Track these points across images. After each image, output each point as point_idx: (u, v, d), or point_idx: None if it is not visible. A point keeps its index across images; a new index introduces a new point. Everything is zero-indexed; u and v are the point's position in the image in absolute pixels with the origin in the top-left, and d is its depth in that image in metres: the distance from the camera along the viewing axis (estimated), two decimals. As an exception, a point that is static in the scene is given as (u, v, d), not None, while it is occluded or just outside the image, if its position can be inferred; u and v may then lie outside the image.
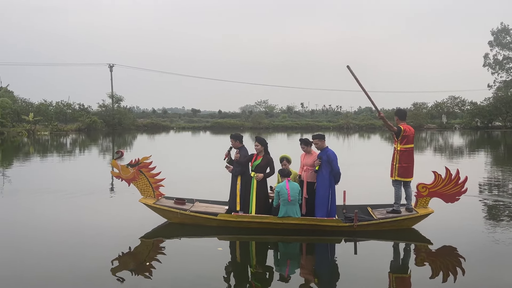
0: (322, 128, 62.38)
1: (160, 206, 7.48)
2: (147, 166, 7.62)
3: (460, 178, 7.16)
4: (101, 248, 6.26)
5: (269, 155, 7.48)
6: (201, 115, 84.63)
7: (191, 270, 5.48)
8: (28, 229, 7.32)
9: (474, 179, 13.04)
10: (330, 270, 5.77)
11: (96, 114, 51.94)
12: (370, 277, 5.31)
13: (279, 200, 6.95)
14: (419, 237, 7.08)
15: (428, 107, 68.95)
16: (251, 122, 64.82)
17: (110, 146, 29.51)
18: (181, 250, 6.42)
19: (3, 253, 6.09)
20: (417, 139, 39.90)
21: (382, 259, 6.05)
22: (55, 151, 24.28)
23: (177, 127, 61.66)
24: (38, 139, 35.01)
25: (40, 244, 6.45)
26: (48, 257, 5.94)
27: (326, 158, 7.05)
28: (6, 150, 25.30)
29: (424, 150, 26.48)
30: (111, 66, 56.78)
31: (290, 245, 6.91)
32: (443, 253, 6.33)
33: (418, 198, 7.38)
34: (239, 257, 6.32)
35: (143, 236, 6.92)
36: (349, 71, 7.46)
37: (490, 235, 7.04)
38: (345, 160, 8.17)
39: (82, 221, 7.85)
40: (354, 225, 6.93)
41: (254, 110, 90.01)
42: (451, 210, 8.07)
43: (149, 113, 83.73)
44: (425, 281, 5.21)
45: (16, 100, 46.77)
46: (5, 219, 8.10)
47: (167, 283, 5.09)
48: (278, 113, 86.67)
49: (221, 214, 7.22)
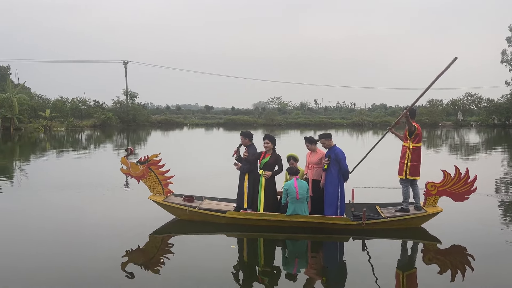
0: (335, 125, 62.10)
1: (169, 203, 7.54)
2: (156, 163, 7.66)
3: (470, 177, 7.10)
4: (111, 244, 6.36)
5: (277, 153, 7.51)
6: (214, 112, 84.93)
7: (200, 266, 5.52)
8: (36, 223, 7.49)
9: (490, 178, 12.87)
10: (338, 268, 5.77)
11: (111, 110, 52.54)
12: (378, 276, 5.29)
13: (287, 198, 6.97)
14: (427, 236, 7.03)
15: (444, 104, 67.99)
16: (264, 119, 64.82)
17: (125, 142, 29.85)
18: (189, 247, 6.46)
19: (15, 245, 6.25)
20: (432, 136, 39.44)
21: (390, 257, 6.03)
22: (70, 147, 24.66)
23: (190, 123, 62.00)
24: (54, 135, 35.58)
25: (48, 240, 6.57)
26: (57, 252, 6.04)
27: (334, 157, 7.04)
28: (23, 145, 25.79)
29: (439, 148, 26.17)
30: (125, 63, 57.35)
31: (298, 243, 6.92)
32: (452, 252, 6.28)
33: (427, 197, 7.33)
34: (247, 254, 6.35)
35: (152, 233, 6.99)
36: (450, 63, 7.08)
37: (502, 235, 6.95)
38: (357, 157, 8.14)
39: (93, 217, 7.99)
40: (363, 223, 6.93)
41: (267, 107, 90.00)
42: (462, 209, 8.01)
43: (163, 109, 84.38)
44: (433, 280, 5.18)
45: (33, 97, 47.67)
46: (20, 212, 8.30)
47: (175, 279, 5.14)
48: (291, 110, 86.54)
49: (229, 212, 7.27)
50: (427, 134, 42.54)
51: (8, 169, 15.23)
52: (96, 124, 47.65)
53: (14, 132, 35.59)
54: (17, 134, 34.21)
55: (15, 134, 34.06)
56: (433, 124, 61.12)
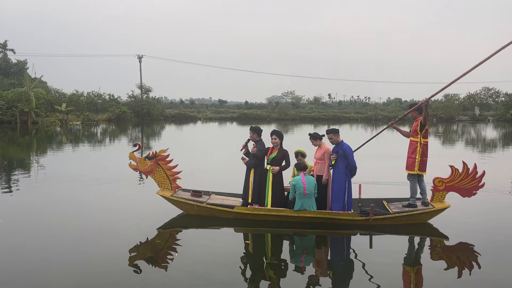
0: (349, 119, 61.67)
1: (177, 198, 7.58)
2: (164, 158, 7.69)
3: (478, 172, 7.06)
4: (119, 237, 6.44)
5: (284, 149, 7.51)
6: (228, 106, 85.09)
7: (207, 260, 5.56)
8: (48, 215, 7.64)
9: (505, 174, 12.66)
10: (345, 263, 5.77)
11: (126, 104, 53.01)
12: (384, 271, 5.30)
13: (295, 193, 6.97)
14: (435, 232, 7.02)
15: (460, 98, 66.95)
16: (278, 113, 64.70)
17: (139, 136, 30.12)
18: (197, 241, 6.49)
19: (27, 238, 6.38)
20: (448, 131, 38.90)
21: (397, 253, 6.02)
22: (86, 141, 24.98)
23: (204, 117, 62.24)
24: (70, 128, 36.08)
25: (56, 233, 6.67)
26: (65, 244, 6.12)
27: (342, 152, 7.04)
28: (40, 139, 26.20)
29: (455, 143, 25.82)
30: (140, 57, 57.71)
31: (306, 238, 6.92)
32: (459, 249, 6.26)
33: (434, 192, 7.30)
34: (255, 249, 6.37)
35: (160, 227, 7.05)
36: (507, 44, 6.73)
37: (510, 232, 6.90)
38: (371, 152, 8.09)
39: (103, 210, 8.12)
40: (370, 219, 6.93)
41: (281, 101, 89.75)
42: (470, 205, 7.95)
43: (177, 103, 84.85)
44: (440, 277, 5.17)
45: (49, 91, 48.25)
46: (32, 204, 8.47)
47: (183, 273, 5.18)
48: (305, 104, 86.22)
49: (237, 207, 7.28)
50: (443, 129, 41.98)
51: (26, 162, 15.52)
52: (111, 118, 48.14)
53: (31, 126, 36.17)
54: (34, 127, 34.76)
55: (32, 127, 34.61)
56: (449, 118, 60.29)
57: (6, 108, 37.72)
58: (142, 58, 57.87)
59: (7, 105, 37.86)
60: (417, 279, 5.23)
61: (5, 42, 58.79)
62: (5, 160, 15.99)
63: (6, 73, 53.14)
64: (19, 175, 12.08)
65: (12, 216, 7.65)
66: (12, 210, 8.13)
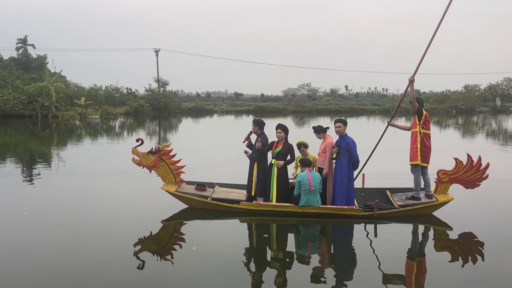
0: (367, 111, 61.01)
1: (182, 194, 7.64)
2: (167, 153, 7.74)
3: (482, 164, 7.08)
4: (124, 231, 6.50)
5: (289, 142, 7.52)
6: (244, 99, 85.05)
7: (213, 252, 5.62)
8: (58, 207, 7.83)
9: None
10: (350, 252, 5.87)
11: (143, 98, 53.46)
12: (389, 260, 5.39)
13: (300, 189, 7.00)
14: (439, 223, 7.08)
15: (481, 89, 65.54)
16: (294, 105, 64.40)
17: (157, 129, 30.43)
18: (202, 233, 6.57)
19: (31, 228, 6.56)
20: (468, 123, 38.17)
21: (401, 242, 6.12)
22: (104, 134, 25.38)
23: (220, 110, 62.39)
24: (89, 122, 36.64)
25: (64, 224, 6.87)
26: (70, 236, 6.26)
27: (345, 146, 7.06)
28: (60, 132, 26.72)
29: (475, 134, 25.34)
30: (157, 51, 58.06)
31: (311, 227, 6.97)
32: (462, 240, 6.30)
33: (438, 184, 7.35)
34: (260, 240, 6.42)
35: (165, 219, 7.15)
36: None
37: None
38: (388, 145, 8.06)
39: (109, 203, 8.28)
40: (374, 214, 6.97)
41: (297, 93, 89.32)
42: (474, 197, 8.03)
43: (193, 96, 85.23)
44: (443, 267, 5.23)
45: (69, 85, 48.97)
46: (46, 196, 8.69)
47: (188, 265, 5.23)
48: (321, 96, 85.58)
49: (242, 203, 7.30)
50: (463, 121, 41.22)
51: (47, 155, 15.87)
52: (129, 112, 48.65)
53: (51, 120, 36.86)
54: (54, 121, 35.41)
55: (52, 121, 35.27)
56: (469, 110, 59.11)
57: (27, 103, 38.49)
58: (159, 51, 58.26)
59: (28, 99, 38.63)
60: (421, 269, 5.30)
61: (25, 38, 59.88)
62: (27, 153, 16.39)
63: (26, 68, 54.13)
64: (40, 168, 12.37)
65: (34, 209, 7.86)
66: (35, 203, 8.37)
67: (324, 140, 7.51)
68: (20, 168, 12.47)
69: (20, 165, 13.08)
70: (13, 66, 51.55)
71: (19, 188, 9.57)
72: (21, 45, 59.48)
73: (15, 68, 50.52)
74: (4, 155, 15.26)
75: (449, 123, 38.42)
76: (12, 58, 56.48)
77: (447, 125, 35.75)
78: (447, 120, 42.43)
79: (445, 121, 41.69)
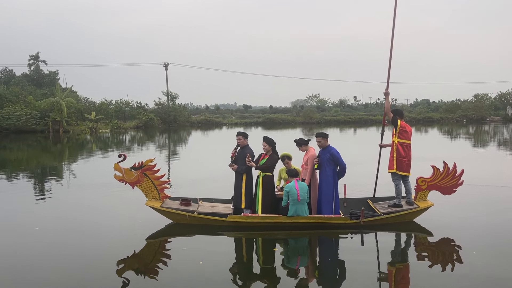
0: (376, 122, 60.78)
1: (168, 209, 7.45)
2: (151, 168, 7.57)
3: (457, 171, 7.45)
4: (110, 246, 6.46)
5: (276, 154, 7.59)
6: (253, 111, 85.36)
7: (199, 269, 5.52)
8: (45, 224, 7.84)
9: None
10: (338, 263, 5.94)
11: (153, 111, 53.95)
12: (374, 268, 5.58)
13: (288, 200, 7.04)
14: (420, 228, 7.40)
15: (492, 98, 65.04)
16: (303, 116, 64.46)
17: (166, 142, 30.62)
18: (188, 249, 6.40)
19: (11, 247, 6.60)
20: (479, 132, 37.80)
21: (386, 249, 6.37)
22: (115, 148, 25.58)
23: (229, 123, 62.63)
24: (100, 136, 36.99)
25: (53, 241, 6.77)
26: (53, 253, 6.19)
27: (330, 156, 7.27)
28: (71, 147, 27.00)
29: (487, 144, 25.08)
30: (166, 65, 58.73)
31: (299, 240, 7.04)
32: (442, 244, 6.61)
33: (417, 192, 7.68)
34: (248, 254, 6.38)
35: (149, 237, 6.99)
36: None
37: (491, 228, 7.27)
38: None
39: (102, 218, 8.27)
40: (361, 221, 7.15)
41: (306, 104, 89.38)
42: (451, 202, 8.46)
43: (203, 109, 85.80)
44: (426, 271, 5.45)
45: (79, 100, 49.66)
46: (59, 212, 8.75)
47: (174, 283, 5.15)
48: (330, 107, 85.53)
49: (230, 216, 7.26)
50: (474, 130, 40.83)
51: (59, 170, 16.03)
52: (139, 125, 49.07)
53: (62, 135, 37.30)
54: (65, 136, 35.83)
55: (63, 136, 35.69)
56: (480, 119, 58.61)
57: (39, 118, 39.03)
58: (168, 66, 58.92)
59: (40, 114, 39.18)
60: (404, 274, 5.50)
61: (37, 54, 61.10)
62: (38, 167, 16.58)
63: (38, 84, 55.07)
64: (52, 181, 12.49)
65: (44, 225, 7.92)
66: (44, 218, 8.45)
67: (306, 152, 7.63)
68: (32, 183, 12.61)
69: (32, 180, 13.22)
70: (26, 82, 52.52)
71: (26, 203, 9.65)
72: (33, 62, 60.67)
73: (28, 84, 51.40)
74: (17, 170, 15.47)
75: (460, 132, 38.10)
76: (24, 74, 57.62)
77: (457, 134, 35.44)
78: (457, 130, 42.09)
79: (455, 130, 41.34)
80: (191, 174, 13.89)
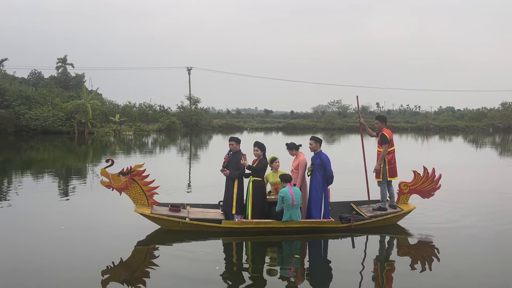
0: (399, 129, 59.90)
1: (159, 215, 7.25)
2: (140, 174, 7.40)
3: (436, 176, 7.86)
4: (103, 249, 6.48)
5: (265, 159, 7.58)
6: (274, 116, 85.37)
7: (189, 277, 5.47)
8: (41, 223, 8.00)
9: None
10: (330, 265, 6.07)
11: (175, 115, 54.61)
12: (362, 269, 5.81)
13: (283, 204, 7.07)
14: (401, 231, 7.75)
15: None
16: (324, 122, 64.12)
17: (188, 145, 30.93)
18: (178, 256, 6.31)
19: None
20: (506, 141, 36.81)
21: (371, 252, 6.67)
22: (138, 150, 26.01)
23: (250, 127, 62.84)
24: (123, 138, 37.64)
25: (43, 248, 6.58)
26: (37, 260, 5.97)
27: (320, 162, 7.40)
28: (95, 148, 27.58)
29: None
30: (189, 69, 59.49)
31: (292, 244, 7.10)
32: (421, 245, 7.04)
33: (400, 195, 8.07)
34: (239, 259, 6.35)
35: (137, 244, 6.82)
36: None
37: (469, 230, 7.67)
38: (423, 162, 8.09)
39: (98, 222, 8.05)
40: (352, 225, 7.36)
41: (327, 110, 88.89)
42: (430, 205, 8.86)
43: (224, 113, 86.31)
44: (407, 271, 5.78)
45: (104, 102, 50.66)
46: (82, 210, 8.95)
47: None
48: (351, 113, 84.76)
49: (225, 222, 7.17)
50: (500, 139, 39.79)
51: (83, 171, 16.41)
52: (161, 128, 49.70)
53: (87, 136, 38.12)
54: (90, 137, 36.61)
55: (88, 138, 36.47)
56: (507, 128, 57.08)
57: (65, 119, 40.00)
58: (191, 70, 59.62)
59: (66, 116, 40.15)
60: (390, 273, 5.78)
61: (65, 57, 62.65)
62: (63, 168, 17.01)
63: (65, 86, 56.41)
64: (75, 183, 12.80)
65: (68, 223, 8.13)
66: (67, 217, 8.66)
67: (296, 157, 7.66)
68: (57, 183, 12.95)
69: (57, 180, 13.59)
70: (53, 85, 53.84)
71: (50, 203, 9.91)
72: (61, 64, 62.23)
73: (55, 86, 52.74)
74: (43, 170, 15.92)
75: (486, 141, 37.19)
76: (52, 76, 59.11)
77: (483, 143, 34.61)
78: (483, 139, 41.09)
79: (481, 139, 40.38)
80: (186, 180, 13.98)
